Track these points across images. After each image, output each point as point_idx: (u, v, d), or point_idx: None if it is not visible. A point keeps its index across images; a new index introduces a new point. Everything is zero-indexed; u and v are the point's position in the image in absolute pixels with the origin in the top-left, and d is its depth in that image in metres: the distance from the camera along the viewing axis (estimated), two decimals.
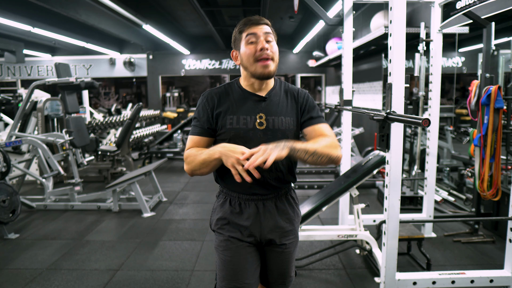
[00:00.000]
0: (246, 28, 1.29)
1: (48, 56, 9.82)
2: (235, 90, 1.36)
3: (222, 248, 1.34)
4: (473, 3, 2.41)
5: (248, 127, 1.29)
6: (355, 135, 5.69)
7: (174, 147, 7.07)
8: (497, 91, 2.46)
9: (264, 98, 1.33)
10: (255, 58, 1.27)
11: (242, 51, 1.30)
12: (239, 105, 1.31)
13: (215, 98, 1.33)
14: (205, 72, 10.10)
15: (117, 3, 5.02)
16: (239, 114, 1.30)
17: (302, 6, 3.27)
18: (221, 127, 1.30)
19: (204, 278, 2.56)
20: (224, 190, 1.39)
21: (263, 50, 1.26)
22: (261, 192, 1.33)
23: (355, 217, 2.64)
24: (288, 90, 1.39)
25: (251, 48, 1.28)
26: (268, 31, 1.30)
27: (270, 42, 1.29)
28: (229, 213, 1.35)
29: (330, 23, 3.01)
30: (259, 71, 1.28)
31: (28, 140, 4.12)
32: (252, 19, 1.30)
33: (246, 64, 1.30)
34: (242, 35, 1.30)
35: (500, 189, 2.60)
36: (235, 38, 1.34)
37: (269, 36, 1.29)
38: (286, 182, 1.37)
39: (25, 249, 3.07)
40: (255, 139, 1.28)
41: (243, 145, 1.25)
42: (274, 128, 1.30)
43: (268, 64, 1.28)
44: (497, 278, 2.19)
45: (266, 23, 1.31)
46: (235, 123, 1.29)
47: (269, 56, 1.28)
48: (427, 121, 1.47)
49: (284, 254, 1.39)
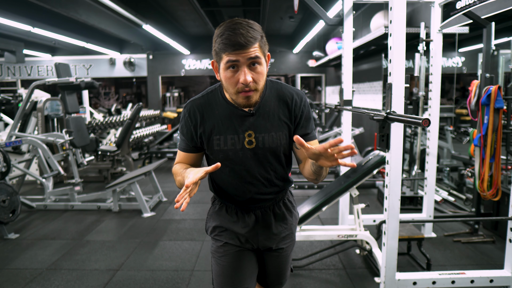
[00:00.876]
0: (226, 53, 1.06)
1: (48, 56, 9.82)
2: (219, 102, 1.20)
3: (219, 254, 1.32)
4: (473, 3, 2.41)
5: (237, 148, 1.19)
6: (355, 135, 5.69)
7: (174, 147, 7.07)
8: (497, 91, 2.46)
9: (251, 114, 1.18)
10: (236, 90, 1.10)
11: (221, 73, 1.12)
12: (224, 122, 1.19)
13: (197, 114, 1.20)
14: (205, 72, 10.09)
15: (117, 3, 5.02)
16: (226, 134, 1.18)
17: (302, 6, 3.26)
18: (208, 148, 1.22)
19: (204, 278, 2.56)
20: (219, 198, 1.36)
21: (245, 84, 1.08)
22: (258, 204, 1.30)
23: (355, 217, 2.64)
24: (281, 97, 1.22)
25: (231, 76, 1.09)
26: (255, 55, 1.06)
27: (255, 66, 1.09)
28: (226, 222, 1.32)
29: (330, 23, 3.01)
30: (240, 102, 1.13)
31: (28, 140, 4.12)
32: (237, 42, 1.03)
33: (225, 89, 1.15)
34: (222, 55, 1.08)
35: (500, 189, 2.60)
36: (214, 51, 1.11)
37: (254, 60, 1.07)
38: (283, 189, 1.34)
39: (25, 249, 3.07)
40: (245, 159, 1.21)
41: (233, 166, 1.21)
42: (264, 146, 1.20)
43: (250, 95, 1.11)
44: (497, 278, 2.19)
45: (254, 42, 1.06)
46: (223, 144, 1.19)
47: (252, 89, 1.10)
48: (427, 121, 1.47)
49: (281, 257, 1.39)
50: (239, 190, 1.26)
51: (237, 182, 1.25)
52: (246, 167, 1.22)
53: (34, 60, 9.91)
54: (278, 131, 1.21)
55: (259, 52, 1.09)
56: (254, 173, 1.23)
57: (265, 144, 1.20)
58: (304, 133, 1.24)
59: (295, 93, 1.24)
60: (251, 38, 1.05)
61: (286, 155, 1.27)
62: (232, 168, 1.22)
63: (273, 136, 1.20)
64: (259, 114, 1.19)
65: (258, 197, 1.27)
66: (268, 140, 1.20)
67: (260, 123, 1.19)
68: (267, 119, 1.20)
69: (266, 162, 1.22)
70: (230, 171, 1.24)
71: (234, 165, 1.21)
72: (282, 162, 1.27)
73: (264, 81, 1.14)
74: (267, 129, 1.20)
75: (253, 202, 1.29)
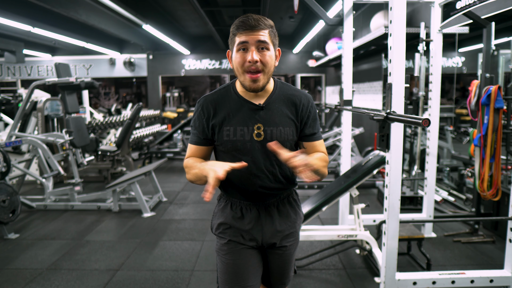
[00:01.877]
0: (239, 33, 1.18)
1: (48, 56, 9.82)
2: (231, 96, 1.28)
3: (223, 251, 1.34)
4: (473, 3, 2.41)
5: (246, 139, 1.24)
6: (355, 135, 5.69)
7: (174, 147, 7.07)
8: (497, 91, 2.46)
9: (261, 107, 1.26)
10: (243, 69, 1.19)
11: (233, 56, 1.23)
12: (235, 114, 1.25)
13: (210, 108, 1.27)
14: (205, 72, 10.10)
15: (117, 3, 5.02)
16: (236, 125, 1.24)
17: (302, 6, 3.26)
18: (218, 138, 1.27)
19: (204, 278, 2.56)
20: (225, 195, 1.38)
21: (252, 62, 1.17)
22: (263, 199, 1.32)
23: (355, 217, 2.64)
24: (289, 97, 1.30)
25: (241, 56, 1.19)
26: (263, 39, 1.17)
27: (263, 51, 1.18)
28: (230, 218, 1.33)
29: (330, 23, 3.01)
30: (247, 84, 1.21)
31: (28, 140, 4.12)
32: (247, 23, 1.16)
33: (236, 72, 1.24)
34: (235, 38, 1.20)
35: (500, 189, 2.60)
36: (230, 38, 1.25)
37: (262, 44, 1.17)
38: (287, 188, 1.36)
39: (25, 249, 3.07)
40: (253, 151, 1.25)
41: (241, 156, 1.25)
42: (272, 139, 1.24)
43: (257, 78, 1.19)
44: (497, 278, 2.19)
45: (264, 28, 1.18)
46: (232, 134, 1.24)
47: (259, 69, 1.18)
48: (427, 121, 1.47)
49: (284, 256, 1.40)
50: (245, 182, 1.28)
51: (243, 174, 1.27)
52: (253, 159, 1.25)
53: (34, 60, 9.91)
54: (285, 127, 1.27)
55: (268, 39, 1.19)
56: (260, 165, 1.26)
57: (273, 137, 1.25)
58: (312, 132, 1.32)
59: (303, 95, 1.33)
60: (261, 22, 1.17)
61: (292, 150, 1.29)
62: (239, 159, 1.25)
63: (281, 131, 1.26)
64: (268, 109, 1.26)
65: (262, 191, 1.29)
66: (276, 134, 1.25)
67: (269, 117, 1.25)
68: (276, 115, 1.26)
69: (273, 155, 1.24)
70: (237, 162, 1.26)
71: (241, 156, 1.25)
72: None
73: (272, 67, 1.23)
74: (276, 123, 1.26)
75: (258, 196, 1.31)
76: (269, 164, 1.27)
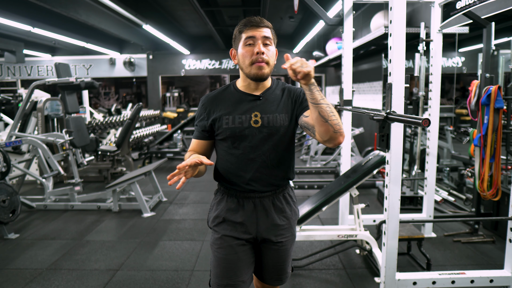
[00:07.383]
0: (245, 30, 1.31)
1: (48, 56, 9.83)
2: (231, 93, 1.39)
3: (216, 246, 1.38)
4: (473, 3, 2.41)
5: (244, 126, 1.32)
6: (355, 135, 5.69)
7: (174, 147, 7.07)
8: (497, 91, 2.45)
9: (259, 97, 1.36)
10: (251, 61, 1.30)
11: (239, 51, 1.34)
12: (234, 106, 1.35)
13: (211, 103, 1.38)
14: (205, 72, 10.10)
15: (117, 3, 5.02)
16: (235, 114, 1.34)
17: (302, 6, 3.26)
18: (218, 128, 1.35)
19: (204, 278, 2.56)
20: (222, 188, 1.42)
21: (259, 54, 1.29)
22: (259, 189, 1.35)
23: (355, 217, 2.64)
24: (285, 89, 1.41)
25: (248, 50, 1.31)
26: (267, 35, 1.32)
27: (267, 46, 1.32)
28: (225, 211, 1.38)
29: (330, 23, 3.01)
30: (253, 72, 1.31)
31: (28, 140, 4.12)
32: (253, 21, 1.31)
33: (242, 65, 1.34)
34: (242, 35, 1.33)
35: (500, 189, 2.60)
36: (235, 36, 1.37)
37: (267, 40, 1.31)
38: (284, 179, 1.40)
39: (25, 249, 3.07)
40: (251, 137, 1.32)
41: (239, 143, 1.33)
42: (269, 125, 1.33)
43: (262, 66, 1.30)
44: (497, 278, 2.19)
45: (267, 26, 1.33)
46: (231, 122, 1.33)
47: (264, 60, 1.30)
48: (427, 121, 1.47)
49: (280, 251, 1.42)
50: (242, 167, 1.34)
51: (240, 159, 1.34)
52: (251, 143, 1.33)
53: (34, 60, 9.92)
54: (281, 113, 1.36)
55: (271, 36, 1.33)
56: (257, 149, 1.33)
57: (270, 123, 1.33)
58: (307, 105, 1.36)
59: (296, 88, 1.44)
60: (264, 21, 1.33)
61: (288, 138, 1.37)
62: (237, 144, 1.34)
63: (277, 117, 1.34)
64: (265, 99, 1.37)
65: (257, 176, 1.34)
66: (272, 120, 1.34)
67: (266, 106, 1.36)
68: (272, 103, 1.36)
69: (270, 140, 1.33)
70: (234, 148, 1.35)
71: (240, 142, 1.33)
72: (284, 143, 1.36)
73: (273, 63, 1.35)
74: (272, 111, 1.35)
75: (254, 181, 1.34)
76: (265, 148, 1.34)
